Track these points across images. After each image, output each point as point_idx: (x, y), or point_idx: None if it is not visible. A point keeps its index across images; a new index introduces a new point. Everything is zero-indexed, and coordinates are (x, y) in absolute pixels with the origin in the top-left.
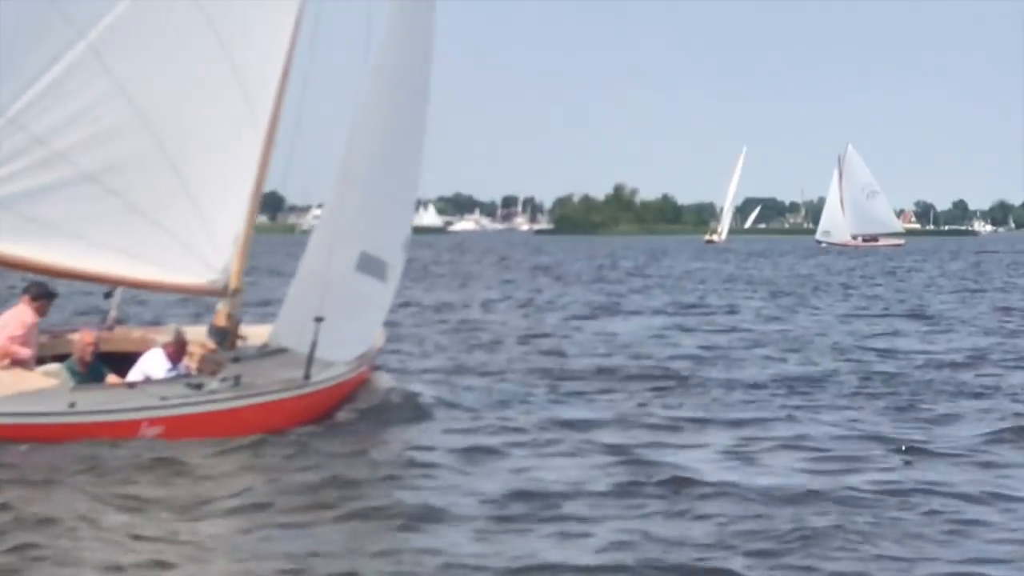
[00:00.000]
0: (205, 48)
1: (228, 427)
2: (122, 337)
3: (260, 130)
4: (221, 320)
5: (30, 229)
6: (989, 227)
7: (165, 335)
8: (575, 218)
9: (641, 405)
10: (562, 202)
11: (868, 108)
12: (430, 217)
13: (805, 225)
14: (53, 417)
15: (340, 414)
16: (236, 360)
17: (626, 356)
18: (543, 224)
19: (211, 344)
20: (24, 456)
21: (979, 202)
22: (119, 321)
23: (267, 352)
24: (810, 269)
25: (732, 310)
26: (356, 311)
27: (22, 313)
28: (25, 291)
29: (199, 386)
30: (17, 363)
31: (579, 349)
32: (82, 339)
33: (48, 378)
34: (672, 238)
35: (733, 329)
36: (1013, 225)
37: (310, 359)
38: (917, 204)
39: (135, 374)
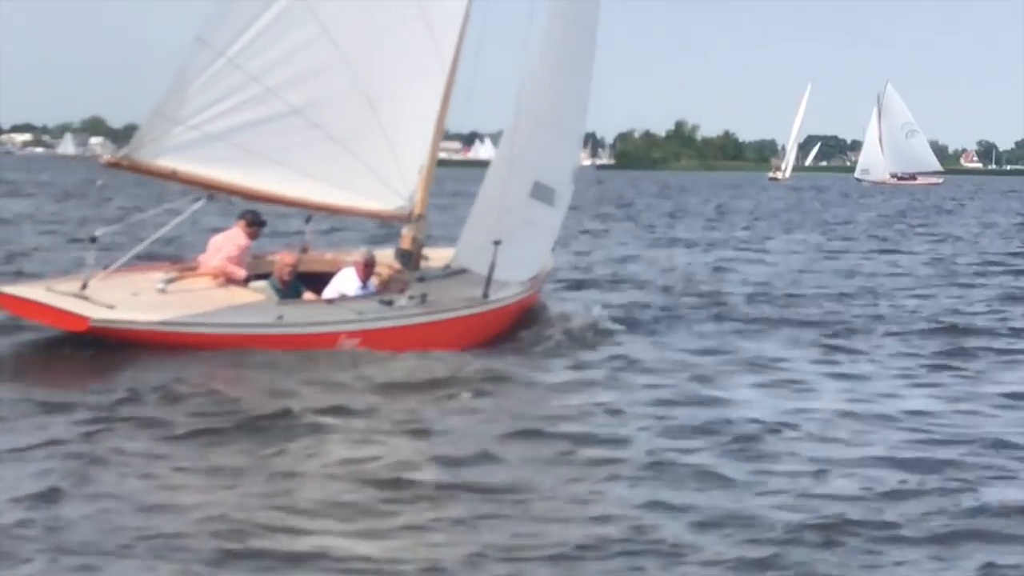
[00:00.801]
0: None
1: (416, 341)
2: (315, 259)
3: (444, 66)
4: (406, 243)
5: (243, 158)
6: None
7: (355, 256)
8: (636, 154)
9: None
10: (623, 138)
11: (929, 45)
12: (487, 150)
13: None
14: (264, 328)
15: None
16: (420, 280)
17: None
18: (604, 159)
19: (397, 265)
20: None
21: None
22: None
23: (448, 272)
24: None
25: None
26: (529, 235)
27: (236, 236)
28: (240, 217)
29: (390, 303)
30: (230, 281)
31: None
32: (282, 260)
33: (257, 294)
34: (733, 175)
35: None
36: None
37: (489, 279)
38: (980, 143)
39: (329, 291)
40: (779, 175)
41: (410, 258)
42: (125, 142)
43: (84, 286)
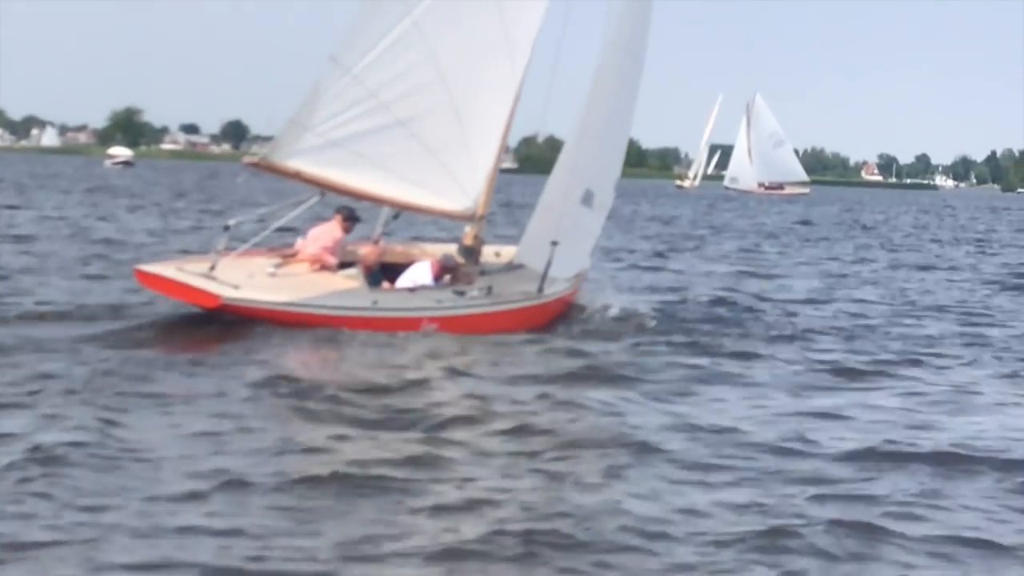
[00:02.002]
0: (491, 25)
1: (483, 327)
2: (387, 250)
3: (514, 89)
4: (469, 240)
5: (355, 162)
6: (951, 182)
7: (432, 255)
8: (540, 158)
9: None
10: (527, 142)
11: (833, 59)
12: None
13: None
14: (363, 311)
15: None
16: (482, 273)
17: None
18: (507, 163)
19: (461, 259)
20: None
21: (941, 157)
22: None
23: (505, 267)
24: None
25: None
26: (578, 237)
27: (333, 229)
28: (338, 211)
29: (462, 293)
30: (324, 268)
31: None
32: (370, 252)
33: (351, 280)
34: (637, 181)
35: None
36: (975, 181)
37: (544, 275)
38: (880, 157)
39: (404, 280)
40: (686, 183)
41: (472, 253)
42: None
43: (212, 268)
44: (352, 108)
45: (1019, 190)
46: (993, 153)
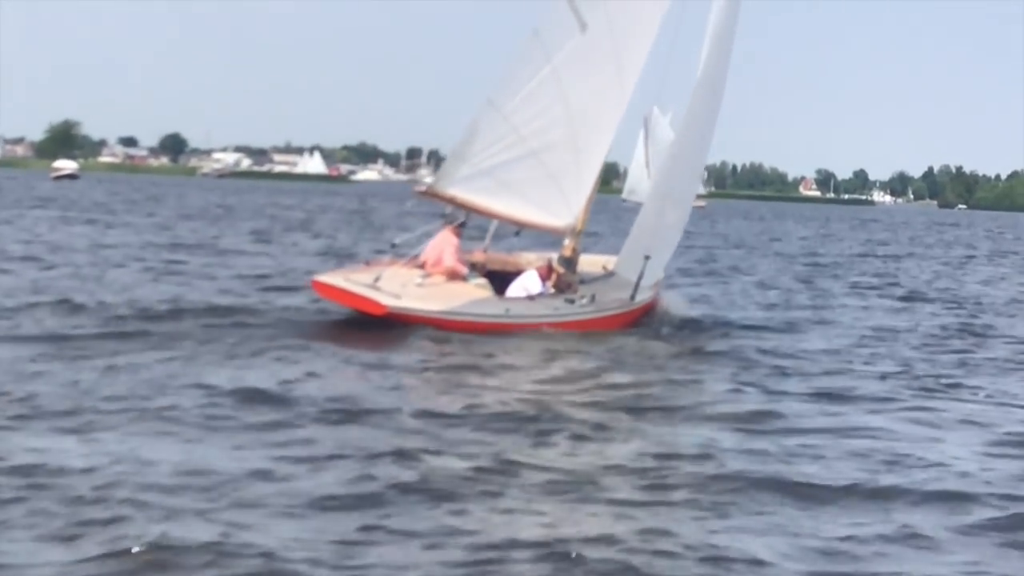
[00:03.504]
0: (609, 71)
1: (591, 329)
2: (493, 259)
3: (616, 124)
4: (568, 252)
5: (496, 188)
6: (888, 198)
7: (536, 262)
8: None
9: None
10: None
11: (768, 74)
12: (316, 164)
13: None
14: (499, 318)
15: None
16: (582, 282)
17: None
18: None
19: (561, 269)
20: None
21: (879, 172)
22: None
23: (600, 276)
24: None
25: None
26: (661, 252)
27: (449, 239)
28: (449, 222)
29: (572, 301)
30: (458, 276)
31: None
32: (482, 260)
33: (483, 290)
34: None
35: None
36: (912, 197)
37: (637, 285)
38: (819, 172)
39: (516, 289)
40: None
41: (571, 263)
42: None
43: (377, 279)
44: (499, 142)
45: (960, 206)
46: (930, 169)
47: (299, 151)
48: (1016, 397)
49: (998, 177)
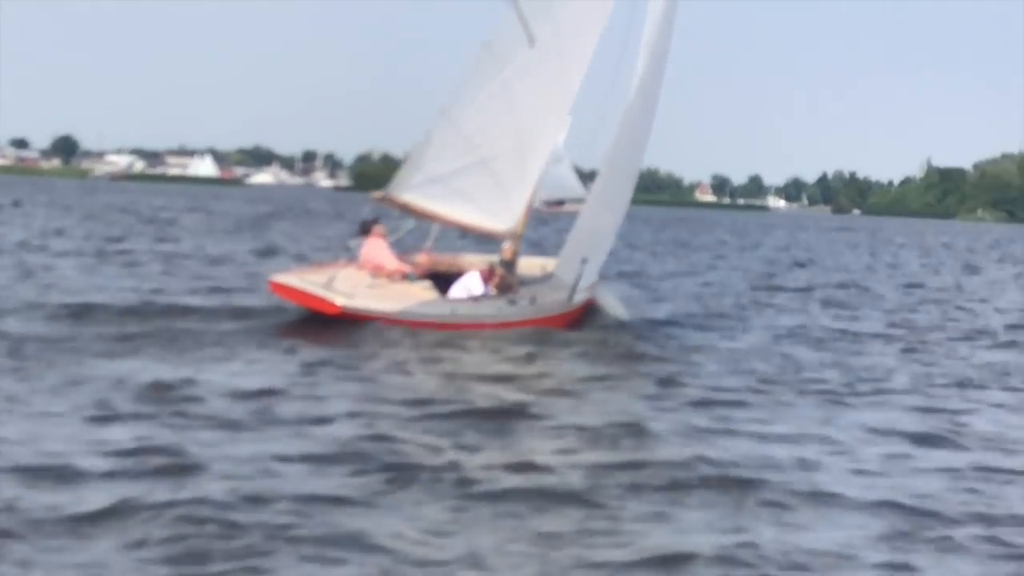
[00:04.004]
0: (554, 83)
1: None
2: (437, 261)
3: (559, 135)
4: (508, 254)
5: (449, 195)
6: (782, 203)
7: (477, 264)
8: (375, 176)
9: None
10: (362, 159)
11: (669, 77)
12: (207, 167)
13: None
14: (446, 318)
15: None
16: (522, 284)
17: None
18: (342, 181)
19: (502, 271)
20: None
21: (774, 178)
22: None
23: (539, 279)
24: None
25: None
26: (597, 257)
27: (380, 242)
28: (375, 224)
29: (514, 302)
30: (401, 274)
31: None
32: (424, 262)
33: (428, 291)
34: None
35: None
36: (807, 202)
37: (575, 286)
38: (714, 178)
39: (458, 290)
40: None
41: (511, 266)
42: None
43: (331, 279)
44: (451, 150)
45: (854, 211)
46: (824, 175)
47: (192, 154)
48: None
49: (891, 183)
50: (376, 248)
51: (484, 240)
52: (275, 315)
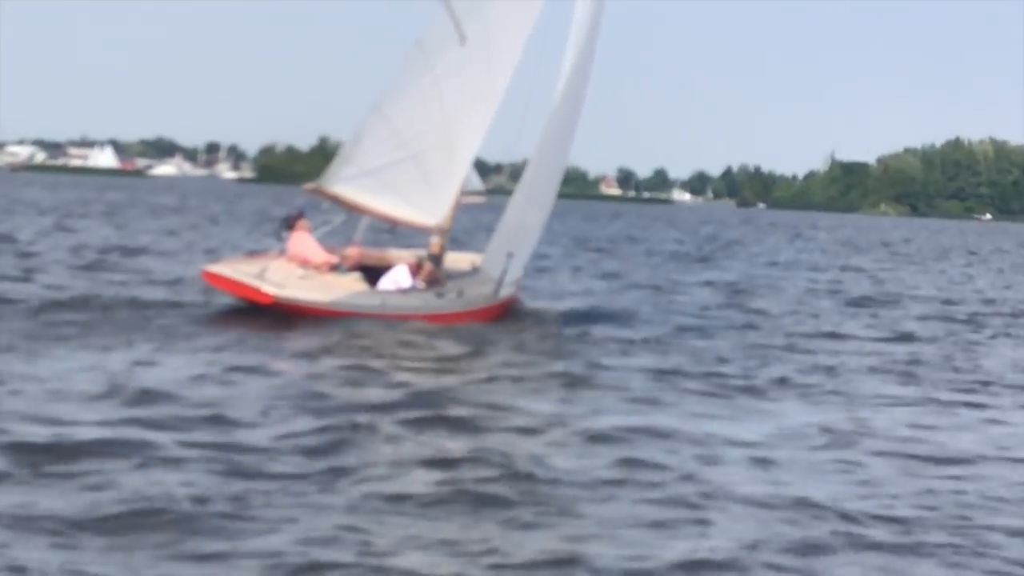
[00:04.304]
0: (483, 80)
1: (458, 322)
2: (366, 255)
3: (485, 131)
4: (436, 248)
5: (378, 188)
6: (688, 196)
7: (406, 258)
8: (278, 168)
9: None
10: (266, 151)
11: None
12: (107, 158)
13: (508, 186)
14: (376, 308)
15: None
16: (449, 278)
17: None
18: (246, 173)
19: (430, 265)
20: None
21: (679, 171)
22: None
23: (466, 273)
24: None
25: None
26: (523, 251)
27: (306, 235)
28: (300, 218)
29: (442, 295)
30: (331, 266)
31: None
32: (354, 255)
33: (359, 283)
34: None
35: None
36: (711, 195)
37: (500, 281)
38: (619, 171)
39: (387, 282)
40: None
41: (438, 259)
42: None
43: (264, 270)
44: (382, 144)
45: (759, 204)
46: (729, 168)
47: (94, 145)
48: None
49: (795, 176)
50: (302, 241)
51: (413, 234)
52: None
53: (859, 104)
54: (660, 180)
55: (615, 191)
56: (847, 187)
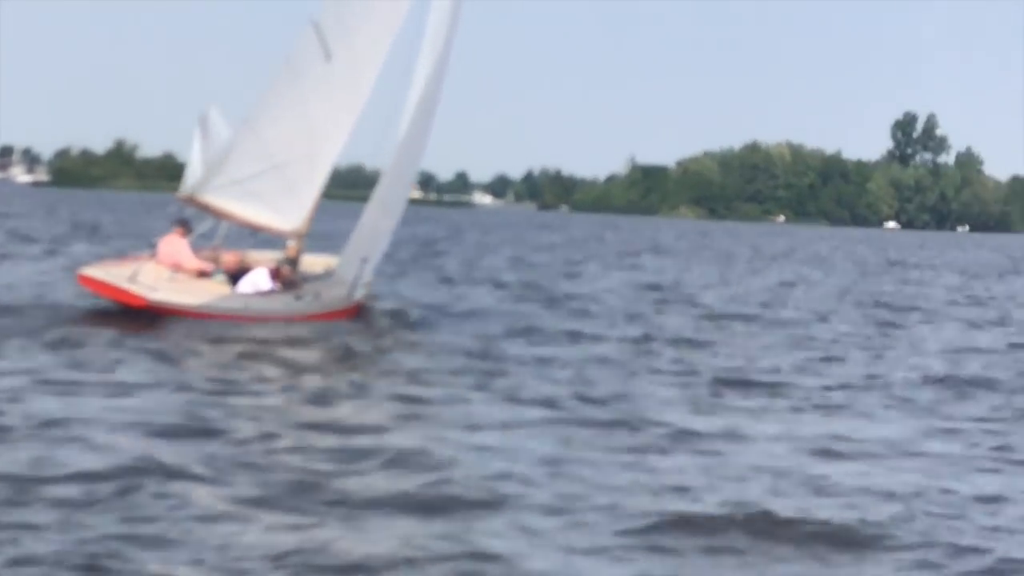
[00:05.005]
0: (346, 94)
1: (316, 322)
2: (226, 258)
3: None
4: (292, 252)
5: (245, 197)
6: (489, 199)
7: (266, 261)
8: (74, 172)
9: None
10: (61, 155)
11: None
12: None
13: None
14: (240, 311)
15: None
16: (305, 280)
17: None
18: (41, 176)
19: (287, 268)
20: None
21: (480, 174)
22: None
23: (320, 276)
24: None
25: None
26: (375, 256)
27: (180, 240)
28: (179, 224)
29: (301, 298)
30: (204, 273)
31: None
32: (231, 260)
33: (224, 287)
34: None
35: None
36: (513, 198)
37: (354, 284)
38: (420, 173)
39: (246, 285)
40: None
41: (295, 263)
42: None
43: (136, 273)
44: (249, 154)
45: (562, 208)
46: (530, 172)
47: None
48: None
49: (596, 179)
50: (175, 246)
51: (264, 238)
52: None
53: (659, 107)
54: (461, 183)
55: (416, 194)
56: (647, 190)
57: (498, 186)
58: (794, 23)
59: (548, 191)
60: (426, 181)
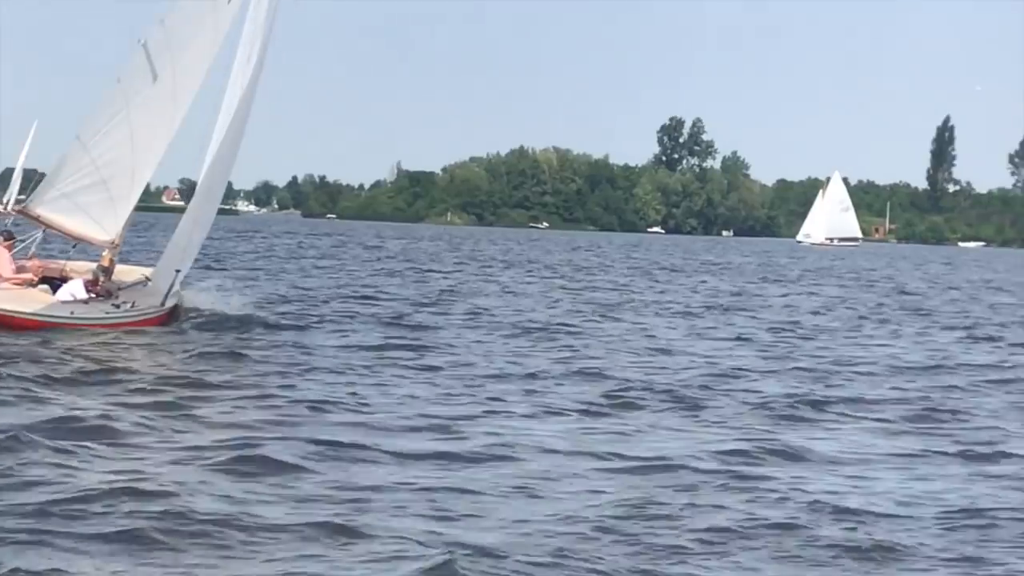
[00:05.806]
0: (168, 112)
1: (133, 328)
2: (46, 267)
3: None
4: (106, 262)
5: (72, 209)
6: (253, 207)
7: (67, 267)
8: None
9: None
10: None
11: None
12: None
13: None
14: (65, 319)
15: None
16: (120, 289)
17: None
18: None
19: (102, 278)
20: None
21: (244, 182)
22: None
23: (134, 285)
24: None
25: None
26: (186, 266)
27: (3, 252)
28: (2, 234)
29: (119, 306)
30: (28, 282)
31: None
32: (35, 268)
33: (47, 295)
34: None
35: None
36: (276, 206)
37: (168, 293)
38: (182, 182)
39: (64, 293)
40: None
41: (108, 272)
42: None
43: None
44: (80, 170)
45: (329, 216)
46: (295, 179)
47: None
48: None
49: (361, 187)
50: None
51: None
52: None
53: (424, 114)
54: (227, 190)
55: (178, 203)
56: (414, 197)
57: (262, 193)
58: (560, 27)
59: (313, 199)
60: (188, 189)
